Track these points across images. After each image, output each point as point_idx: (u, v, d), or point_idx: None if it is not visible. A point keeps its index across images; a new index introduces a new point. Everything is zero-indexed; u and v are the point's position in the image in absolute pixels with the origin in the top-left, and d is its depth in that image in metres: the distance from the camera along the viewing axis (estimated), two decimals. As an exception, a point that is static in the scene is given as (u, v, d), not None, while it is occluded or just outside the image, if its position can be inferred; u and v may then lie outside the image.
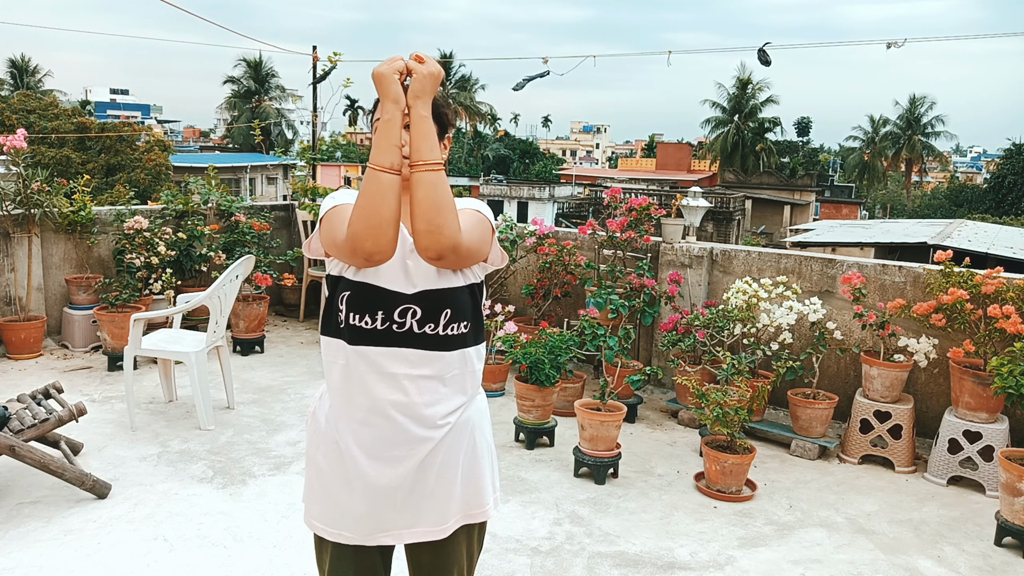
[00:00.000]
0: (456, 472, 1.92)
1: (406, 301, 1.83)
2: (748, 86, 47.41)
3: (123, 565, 3.13)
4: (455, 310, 1.87)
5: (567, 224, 27.45)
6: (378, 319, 1.83)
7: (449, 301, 1.86)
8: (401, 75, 1.76)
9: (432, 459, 1.88)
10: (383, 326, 1.83)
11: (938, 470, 4.33)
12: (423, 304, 1.84)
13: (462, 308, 1.89)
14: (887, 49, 7.69)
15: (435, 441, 1.87)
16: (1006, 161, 43.59)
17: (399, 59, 1.76)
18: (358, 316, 1.84)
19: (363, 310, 1.84)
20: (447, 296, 1.86)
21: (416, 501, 1.89)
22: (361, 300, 1.84)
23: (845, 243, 15.33)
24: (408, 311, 1.84)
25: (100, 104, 58.48)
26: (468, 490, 1.95)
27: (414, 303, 1.84)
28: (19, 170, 5.85)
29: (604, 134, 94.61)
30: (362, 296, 1.84)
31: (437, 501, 1.91)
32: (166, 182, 22.49)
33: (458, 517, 1.94)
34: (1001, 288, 4.35)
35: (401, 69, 1.75)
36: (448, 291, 1.86)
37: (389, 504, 1.88)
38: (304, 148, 8.79)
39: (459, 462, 1.92)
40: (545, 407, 4.60)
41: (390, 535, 1.91)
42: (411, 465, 1.86)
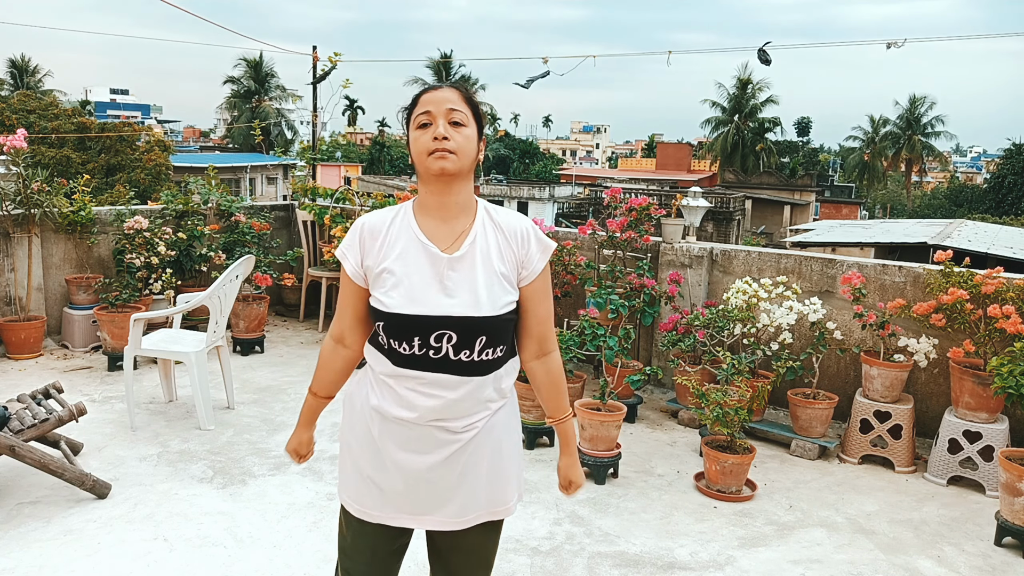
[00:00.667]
0: (482, 470, 1.94)
1: (440, 325, 1.82)
2: (748, 86, 47.44)
3: (123, 565, 3.13)
4: (490, 336, 1.85)
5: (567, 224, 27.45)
6: (415, 345, 1.83)
7: (485, 328, 1.84)
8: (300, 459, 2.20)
9: (459, 456, 1.90)
10: (420, 352, 1.83)
11: (938, 470, 4.33)
12: (458, 329, 1.82)
13: (498, 335, 1.87)
14: (887, 49, 7.69)
15: (463, 442, 1.89)
16: (1006, 161, 43.59)
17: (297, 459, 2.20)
18: (396, 342, 1.85)
19: (400, 336, 1.84)
20: (484, 324, 1.84)
21: (440, 492, 1.92)
22: (396, 328, 1.84)
23: (845, 243, 15.33)
24: (444, 336, 1.82)
25: (100, 104, 58.50)
26: (493, 488, 1.97)
27: (449, 328, 1.82)
28: (19, 170, 5.85)
29: (604, 134, 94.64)
30: (397, 324, 1.84)
31: (460, 494, 1.93)
32: (166, 182, 22.50)
33: (480, 513, 1.96)
34: (1001, 288, 4.35)
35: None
36: (486, 320, 1.84)
37: (414, 490, 1.92)
38: (304, 148, 8.79)
39: (485, 461, 1.94)
40: (545, 407, 4.60)
41: (412, 519, 1.95)
42: (438, 459, 1.89)
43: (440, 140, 1.80)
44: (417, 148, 1.84)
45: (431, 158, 1.81)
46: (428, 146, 1.81)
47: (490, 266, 1.86)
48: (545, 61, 9.35)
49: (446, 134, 1.80)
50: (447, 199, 1.87)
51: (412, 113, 1.88)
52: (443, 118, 1.82)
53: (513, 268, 1.90)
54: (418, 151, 1.84)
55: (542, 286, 1.94)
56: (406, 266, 1.85)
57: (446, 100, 1.83)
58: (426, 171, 1.84)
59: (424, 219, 1.89)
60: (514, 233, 1.91)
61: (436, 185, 1.86)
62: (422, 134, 1.83)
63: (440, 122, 1.81)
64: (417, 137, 1.84)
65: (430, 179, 1.85)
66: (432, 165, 1.81)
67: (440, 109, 1.82)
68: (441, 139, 1.80)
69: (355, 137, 68.52)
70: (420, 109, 1.85)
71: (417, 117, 1.85)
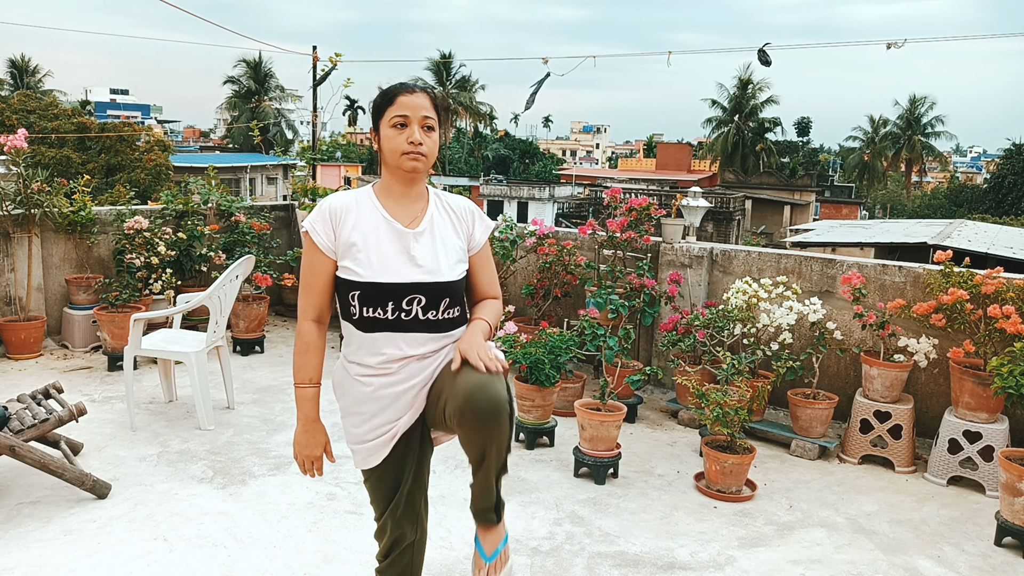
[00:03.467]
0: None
1: (411, 291, 2.11)
2: (748, 86, 47.44)
3: (123, 565, 3.13)
4: (451, 298, 2.17)
5: (567, 224, 27.45)
6: (388, 310, 2.11)
7: (447, 291, 2.15)
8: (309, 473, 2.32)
9: (430, 364, 2.19)
10: (393, 316, 2.11)
11: (938, 470, 4.33)
12: (426, 293, 2.12)
13: (457, 296, 2.19)
14: (887, 49, 7.70)
15: (434, 364, 2.19)
16: (1006, 161, 43.59)
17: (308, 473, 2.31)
18: (370, 309, 2.11)
19: (375, 303, 2.11)
20: (447, 287, 2.15)
21: (420, 399, 2.21)
22: (372, 295, 2.10)
23: (845, 243, 15.33)
24: (414, 300, 2.11)
25: (100, 104, 58.45)
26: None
27: (419, 292, 2.11)
28: (19, 170, 5.85)
29: (604, 134, 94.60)
30: (372, 292, 2.10)
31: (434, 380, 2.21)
32: (166, 182, 22.48)
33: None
34: (1001, 288, 4.35)
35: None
36: (448, 284, 2.15)
37: (403, 407, 2.20)
38: (304, 148, 8.80)
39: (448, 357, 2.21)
40: (545, 407, 4.60)
41: (413, 412, 2.21)
42: (416, 382, 2.18)
43: (415, 145, 2.09)
44: (392, 146, 2.11)
45: (405, 158, 2.10)
46: (403, 147, 2.10)
47: (446, 239, 2.20)
48: (545, 61, 9.36)
49: (420, 139, 2.09)
50: (410, 188, 2.20)
51: (386, 110, 2.12)
52: (418, 124, 2.10)
53: (464, 240, 2.25)
54: (392, 148, 2.11)
55: (485, 255, 2.31)
56: (376, 240, 2.13)
57: (421, 106, 2.10)
58: (399, 167, 2.13)
59: (387, 201, 2.19)
60: (462, 211, 2.27)
61: (404, 177, 2.16)
62: (397, 134, 2.10)
63: (415, 127, 2.09)
64: (392, 136, 2.11)
65: (400, 173, 2.15)
66: (405, 164, 2.11)
67: (416, 115, 2.09)
68: (416, 144, 2.09)
69: (355, 137, 68.49)
70: (397, 111, 2.10)
71: (393, 117, 2.10)
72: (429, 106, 2.12)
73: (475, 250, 2.27)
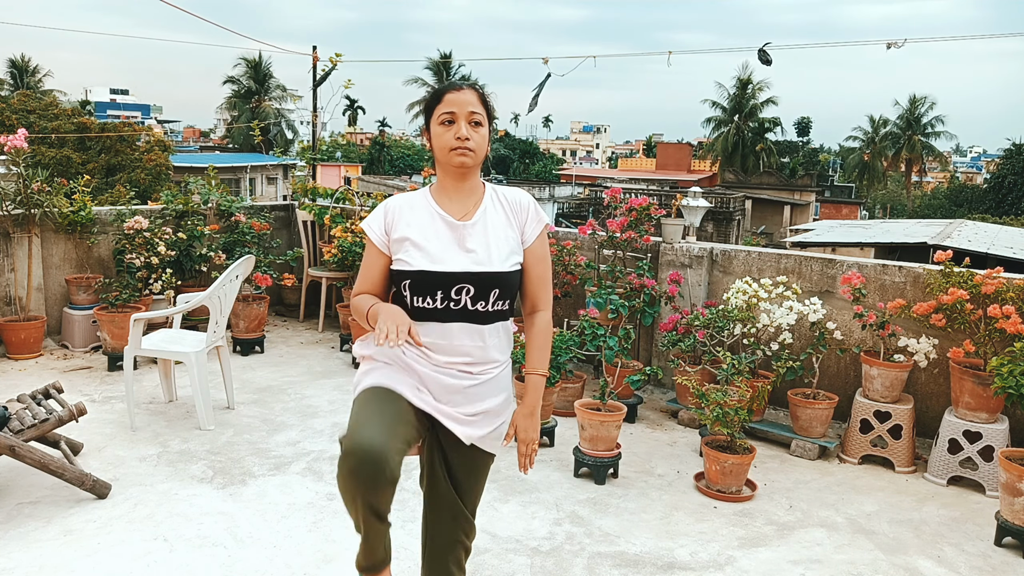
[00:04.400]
0: (493, 405, 2.28)
1: (460, 280, 2.14)
2: (748, 86, 47.41)
3: (123, 565, 3.13)
4: (502, 289, 2.19)
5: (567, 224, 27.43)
6: (438, 299, 2.14)
7: (497, 282, 2.17)
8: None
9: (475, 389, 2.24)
10: (442, 305, 2.15)
11: (938, 470, 4.33)
12: (475, 283, 2.15)
13: (507, 288, 2.21)
14: (887, 49, 7.69)
15: (479, 382, 2.24)
16: (1006, 161, 43.56)
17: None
18: (420, 298, 2.16)
19: (424, 292, 2.15)
20: (496, 278, 2.17)
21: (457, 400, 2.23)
22: (421, 284, 2.15)
23: (845, 243, 15.33)
24: (463, 289, 2.14)
25: (100, 104, 58.44)
26: (494, 429, 2.31)
27: (468, 282, 2.15)
28: (19, 170, 5.85)
29: (604, 134, 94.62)
30: (422, 280, 2.14)
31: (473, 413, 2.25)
32: (166, 182, 22.47)
33: (483, 440, 2.30)
34: (1001, 288, 4.35)
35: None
36: (498, 274, 2.17)
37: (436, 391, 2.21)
38: (304, 148, 8.79)
39: (497, 400, 2.29)
40: (545, 407, 4.60)
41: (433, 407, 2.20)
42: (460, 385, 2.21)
43: (463, 140, 2.14)
44: (441, 143, 2.17)
45: (453, 154, 2.15)
46: (451, 143, 2.15)
47: (499, 231, 2.22)
48: (545, 61, 9.35)
49: (468, 135, 2.14)
50: (462, 184, 2.23)
51: (435, 108, 2.18)
52: (465, 120, 2.15)
53: (518, 232, 2.26)
54: (441, 146, 2.17)
55: (539, 251, 2.29)
56: (427, 233, 2.18)
57: (468, 103, 2.15)
58: (448, 163, 2.18)
59: (441, 198, 2.25)
60: (516, 203, 2.28)
61: (455, 173, 2.21)
62: (445, 131, 2.16)
63: (462, 123, 2.14)
64: (441, 133, 2.16)
65: (450, 169, 2.20)
66: (454, 160, 2.16)
67: (463, 111, 2.14)
68: (464, 139, 2.14)
69: (355, 137, 68.49)
70: (444, 108, 2.15)
71: (441, 114, 2.16)
72: (476, 102, 2.17)
73: (527, 243, 2.28)
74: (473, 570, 3.15)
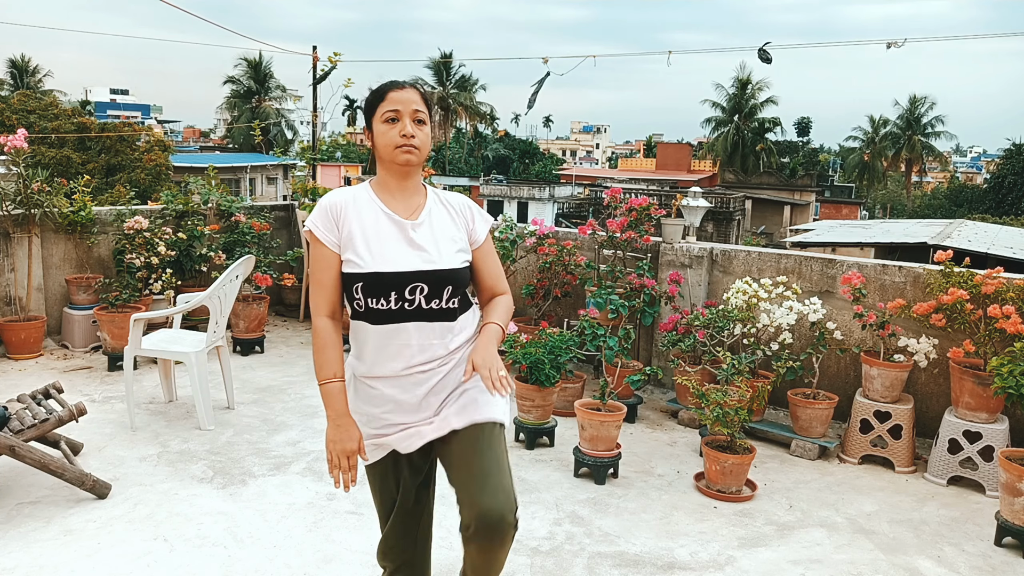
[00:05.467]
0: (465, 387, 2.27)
1: (413, 279, 2.14)
2: (748, 86, 47.42)
3: (123, 565, 3.13)
4: (454, 285, 2.20)
5: (567, 224, 27.45)
6: (392, 299, 2.14)
7: (449, 278, 2.18)
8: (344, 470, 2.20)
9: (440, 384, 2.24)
10: (396, 305, 2.15)
11: (938, 470, 4.33)
12: (428, 281, 2.15)
13: (460, 283, 2.22)
14: (887, 49, 7.69)
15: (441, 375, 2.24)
16: (1006, 161, 43.59)
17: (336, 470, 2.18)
18: (374, 300, 2.15)
19: (378, 293, 2.14)
20: (448, 275, 2.18)
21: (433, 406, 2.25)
22: (375, 285, 2.14)
23: (845, 243, 15.33)
24: (417, 288, 2.15)
25: (100, 104, 58.45)
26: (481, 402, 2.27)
27: (421, 281, 2.15)
28: (19, 170, 5.85)
29: (604, 134, 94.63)
30: (375, 282, 2.14)
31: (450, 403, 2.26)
32: (166, 182, 22.48)
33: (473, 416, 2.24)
34: (1001, 288, 4.35)
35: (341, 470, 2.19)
36: (450, 271, 2.18)
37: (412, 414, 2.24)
38: (304, 148, 8.79)
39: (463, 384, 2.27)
40: (545, 407, 4.60)
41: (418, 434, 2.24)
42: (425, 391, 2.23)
43: (408, 138, 2.15)
44: (385, 140, 2.17)
45: (398, 151, 2.16)
46: (396, 140, 2.15)
47: (445, 230, 2.24)
48: (545, 61, 9.35)
49: (412, 132, 2.15)
50: (406, 182, 2.24)
51: (378, 106, 2.18)
52: (409, 117, 2.16)
53: (464, 233, 2.28)
54: (385, 143, 2.17)
55: (488, 248, 2.34)
56: (376, 232, 2.17)
57: (412, 100, 2.17)
58: (392, 161, 2.18)
59: (384, 196, 2.24)
60: (460, 207, 2.31)
61: (399, 171, 2.21)
62: (389, 128, 2.16)
63: (407, 120, 2.15)
64: (385, 131, 2.17)
65: (394, 167, 2.20)
66: (399, 157, 2.16)
67: (407, 109, 2.16)
68: (408, 137, 2.15)
69: (355, 137, 68.48)
70: (388, 106, 2.16)
71: (384, 112, 2.16)
72: (419, 100, 2.18)
73: (477, 244, 2.31)
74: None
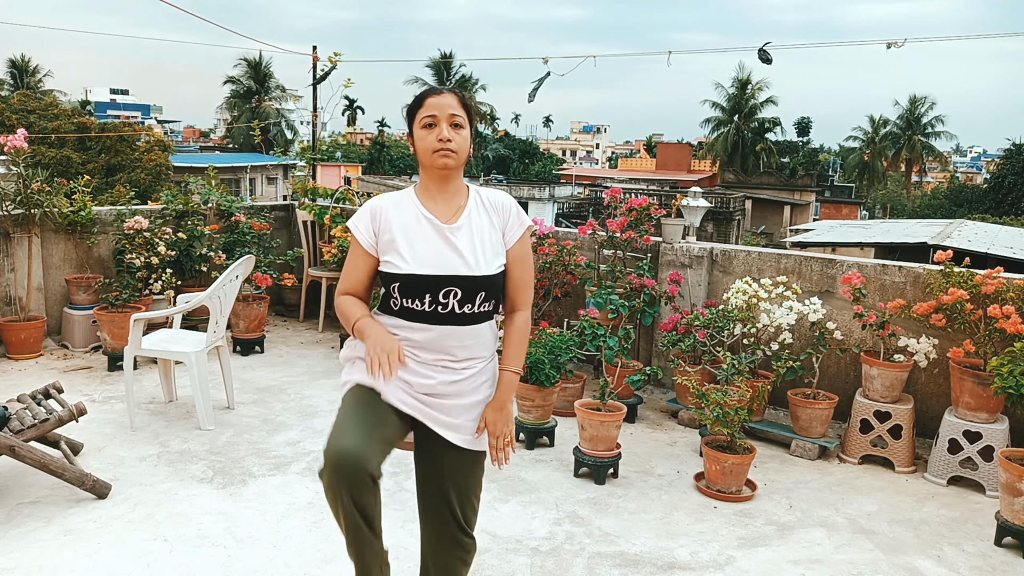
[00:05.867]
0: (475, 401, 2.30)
1: (448, 283, 2.18)
2: (748, 86, 47.41)
3: (123, 565, 3.13)
4: (488, 292, 2.24)
5: (567, 224, 27.44)
6: (426, 301, 2.19)
7: (483, 285, 2.22)
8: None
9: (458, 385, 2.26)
10: (430, 308, 2.19)
11: (938, 470, 4.33)
12: (463, 287, 2.19)
13: (493, 290, 2.26)
14: (887, 49, 7.69)
15: (463, 377, 2.27)
16: (1006, 161, 43.57)
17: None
18: (409, 300, 2.20)
19: (413, 294, 2.19)
20: (483, 281, 2.22)
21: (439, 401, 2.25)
22: (411, 286, 2.19)
23: (845, 243, 15.33)
24: (451, 292, 2.19)
25: (100, 104, 58.47)
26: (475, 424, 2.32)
27: (456, 285, 2.19)
28: (19, 170, 5.84)
29: (604, 134, 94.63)
30: (411, 283, 2.19)
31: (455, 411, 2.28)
32: (166, 182, 22.49)
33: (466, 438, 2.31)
34: (1001, 288, 4.35)
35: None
36: (485, 278, 2.22)
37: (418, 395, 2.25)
38: (304, 148, 8.79)
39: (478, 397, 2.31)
40: (545, 407, 4.60)
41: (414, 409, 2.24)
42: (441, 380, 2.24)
43: (444, 142, 2.19)
44: (423, 145, 2.22)
45: (436, 155, 2.20)
46: (433, 145, 2.20)
47: (483, 234, 2.26)
48: (545, 61, 9.35)
49: (449, 136, 2.19)
50: (446, 185, 2.28)
51: (416, 112, 2.23)
52: (446, 122, 2.20)
53: (501, 235, 2.30)
54: (424, 148, 2.22)
55: (520, 253, 2.33)
56: (415, 235, 2.22)
57: (448, 105, 2.21)
58: (431, 165, 2.23)
59: (426, 200, 2.28)
60: (499, 206, 2.33)
61: (438, 175, 2.25)
62: (427, 134, 2.21)
63: (444, 125, 2.19)
64: (423, 136, 2.22)
65: (433, 171, 2.25)
66: (437, 162, 2.21)
67: (444, 113, 2.20)
68: (445, 141, 2.19)
69: (355, 137, 68.50)
70: (425, 111, 2.21)
71: (423, 118, 2.21)
72: (457, 105, 2.22)
73: (509, 244, 2.32)
74: (473, 570, 3.15)
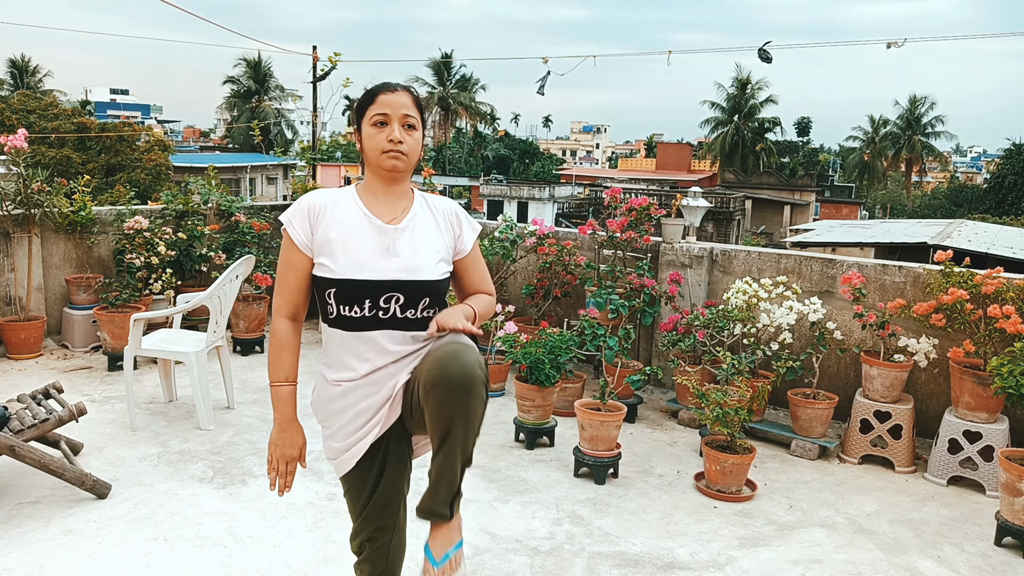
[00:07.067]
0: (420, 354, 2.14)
1: (389, 289, 2.04)
2: (747, 86, 47.40)
3: (123, 565, 3.13)
4: (432, 297, 2.09)
5: (567, 224, 27.45)
6: (365, 307, 2.04)
7: (427, 290, 2.08)
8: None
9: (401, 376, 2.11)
10: (370, 313, 2.04)
11: (938, 470, 4.33)
12: (405, 292, 2.05)
13: (438, 296, 2.11)
14: (887, 49, 7.70)
15: (402, 367, 2.10)
16: (1006, 161, 43.56)
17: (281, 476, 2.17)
18: (346, 307, 2.05)
19: (351, 301, 2.04)
20: (427, 286, 2.08)
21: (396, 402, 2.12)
22: (348, 292, 2.04)
23: (845, 243, 15.32)
24: (392, 298, 2.04)
25: (100, 104, 58.44)
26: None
27: (397, 291, 2.05)
28: (19, 170, 5.85)
29: (604, 134, 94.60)
30: (348, 288, 2.03)
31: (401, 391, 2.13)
32: (166, 182, 22.46)
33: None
34: (1001, 288, 4.35)
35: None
36: (429, 283, 2.08)
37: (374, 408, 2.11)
38: (304, 148, 8.79)
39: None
40: (545, 407, 4.60)
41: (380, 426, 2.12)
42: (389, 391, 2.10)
43: (395, 143, 2.05)
44: (372, 144, 2.07)
45: (385, 156, 2.06)
46: (383, 145, 2.06)
47: (428, 238, 2.13)
48: (545, 61, 9.36)
49: (401, 137, 2.05)
50: (393, 187, 2.14)
51: (367, 108, 2.09)
52: (398, 122, 2.06)
53: (450, 241, 2.18)
54: (373, 147, 2.07)
55: (474, 258, 2.24)
56: (353, 236, 2.07)
57: (402, 104, 2.07)
58: (379, 165, 2.09)
59: (368, 199, 2.14)
60: (449, 212, 2.21)
61: (385, 176, 2.11)
62: (378, 132, 2.07)
63: (396, 125, 2.06)
64: (373, 135, 2.07)
65: (380, 172, 2.11)
66: (385, 163, 2.07)
67: (397, 113, 2.06)
68: (396, 142, 2.05)
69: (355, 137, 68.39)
70: (377, 108, 2.07)
71: (374, 115, 2.07)
72: (411, 104, 2.08)
73: (463, 253, 2.21)
74: (473, 570, 3.15)
